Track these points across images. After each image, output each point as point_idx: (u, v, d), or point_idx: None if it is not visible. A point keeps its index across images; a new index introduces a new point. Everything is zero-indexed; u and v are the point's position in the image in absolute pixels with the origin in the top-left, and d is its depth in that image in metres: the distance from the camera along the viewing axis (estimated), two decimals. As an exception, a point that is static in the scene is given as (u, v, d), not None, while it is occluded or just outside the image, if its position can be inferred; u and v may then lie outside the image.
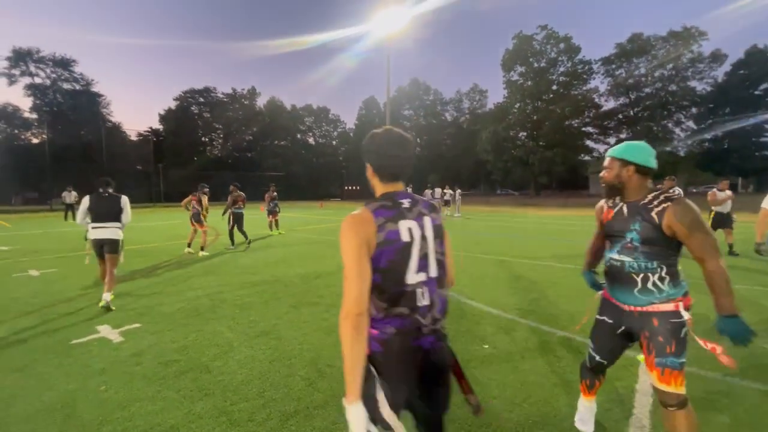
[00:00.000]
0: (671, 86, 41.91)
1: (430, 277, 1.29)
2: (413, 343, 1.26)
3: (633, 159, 1.74)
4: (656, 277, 1.67)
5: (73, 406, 2.39)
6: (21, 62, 41.06)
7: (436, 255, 1.32)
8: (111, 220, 4.58)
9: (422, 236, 1.28)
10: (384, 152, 1.38)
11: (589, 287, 2.15)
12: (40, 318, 4.07)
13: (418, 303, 1.25)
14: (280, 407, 2.35)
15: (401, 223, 1.25)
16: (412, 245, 1.25)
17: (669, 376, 1.64)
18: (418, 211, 1.32)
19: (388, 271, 1.22)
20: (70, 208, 17.74)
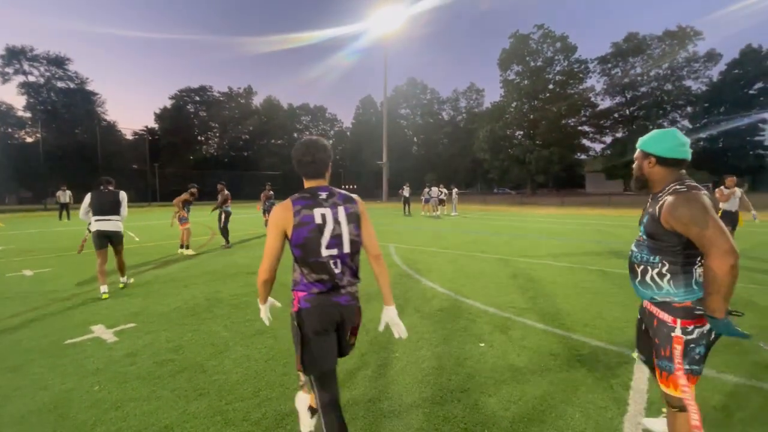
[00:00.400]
0: (667, 85, 42.22)
1: (342, 252, 1.65)
2: (332, 302, 1.66)
3: (652, 150, 1.65)
4: (655, 272, 1.61)
5: (67, 407, 2.37)
6: (14, 60, 40.69)
7: (350, 236, 1.67)
8: (112, 213, 5.00)
9: (335, 220, 1.63)
10: (298, 159, 1.72)
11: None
12: (33, 318, 4.04)
13: (332, 269, 1.64)
14: (276, 406, 2.35)
15: (316, 210, 1.61)
16: (324, 227, 1.60)
17: (666, 379, 1.63)
18: (333, 201, 1.67)
19: (304, 245, 1.60)
20: (65, 207, 17.60)
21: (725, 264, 1.35)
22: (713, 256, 1.38)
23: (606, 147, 49.17)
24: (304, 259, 1.63)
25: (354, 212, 1.72)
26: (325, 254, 1.62)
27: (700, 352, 1.56)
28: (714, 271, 1.38)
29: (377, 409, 2.30)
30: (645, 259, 1.65)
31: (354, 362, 2.92)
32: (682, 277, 1.55)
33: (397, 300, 4.52)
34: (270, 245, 1.67)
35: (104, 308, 4.33)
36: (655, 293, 1.63)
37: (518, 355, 3.05)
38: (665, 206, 1.53)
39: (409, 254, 7.71)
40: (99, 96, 45.68)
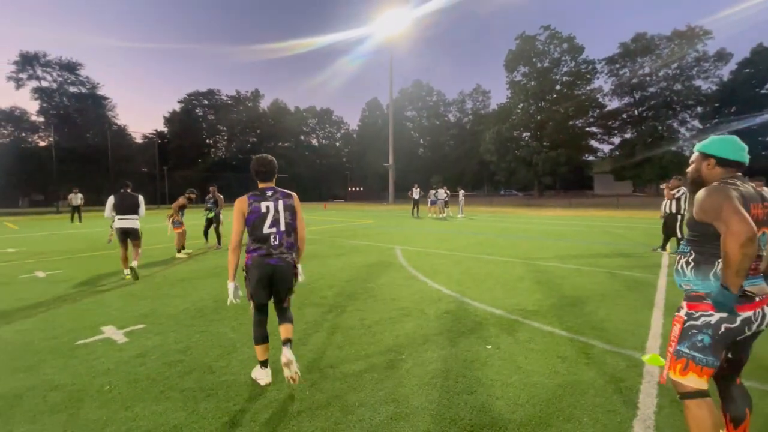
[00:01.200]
0: (676, 85, 41.71)
1: (279, 230, 2.59)
2: (267, 262, 2.55)
3: (713, 152, 1.73)
4: (684, 260, 1.72)
5: (77, 407, 2.40)
6: (28, 66, 41.55)
7: (285, 220, 2.61)
8: (131, 213, 6.01)
9: (275, 210, 2.57)
10: (255, 170, 2.65)
11: None
12: (45, 319, 4.11)
13: (272, 242, 2.56)
14: (283, 407, 2.36)
15: (262, 203, 2.55)
16: (267, 214, 2.55)
17: (670, 362, 1.71)
18: (276, 197, 2.61)
19: (254, 226, 2.54)
20: (77, 210, 17.90)
21: (735, 243, 1.43)
22: (726, 235, 1.47)
23: (614, 148, 48.73)
24: (252, 234, 2.58)
25: (290, 204, 2.68)
26: (267, 231, 2.56)
27: (703, 340, 1.61)
28: (725, 249, 1.46)
29: (384, 411, 2.30)
30: (681, 249, 1.78)
31: (362, 365, 2.92)
32: (704, 267, 1.63)
33: (402, 302, 4.53)
34: (235, 227, 2.57)
35: (114, 309, 4.39)
36: (681, 279, 1.73)
37: (525, 357, 3.03)
38: (696, 198, 1.66)
39: (415, 256, 7.70)
40: (110, 100, 46.50)
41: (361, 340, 3.41)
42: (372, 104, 66.30)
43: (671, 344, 1.71)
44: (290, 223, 2.64)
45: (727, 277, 1.48)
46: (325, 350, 3.20)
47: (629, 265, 6.64)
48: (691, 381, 1.62)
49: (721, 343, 1.61)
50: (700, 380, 1.61)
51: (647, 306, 4.31)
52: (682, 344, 1.66)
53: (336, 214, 24.21)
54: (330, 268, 6.57)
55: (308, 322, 3.90)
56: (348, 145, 69.16)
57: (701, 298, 1.63)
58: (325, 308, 4.34)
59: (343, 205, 39.06)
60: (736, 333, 1.59)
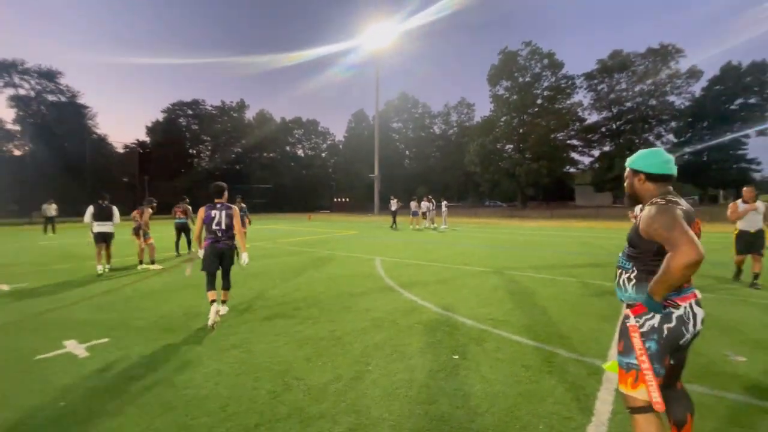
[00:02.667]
0: (651, 101, 43.32)
1: (221, 228, 4.25)
2: (216, 246, 4.25)
3: (641, 167, 1.76)
4: (626, 276, 1.75)
5: (29, 424, 2.33)
6: (5, 73, 40.45)
7: (225, 221, 4.25)
8: (107, 220, 7.45)
9: (220, 216, 4.26)
10: (213, 191, 4.39)
11: None
12: (6, 333, 3.98)
13: (218, 234, 4.25)
14: (242, 420, 2.33)
15: (213, 211, 4.26)
16: (214, 218, 4.24)
17: (620, 375, 1.70)
18: (222, 208, 4.29)
19: (208, 224, 4.24)
20: (51, 221, 17.35)
21: (682, 263, 1.45)
22: (675, 254, 1.48)
23: (594, 160, 50.02)
24: (207, 229, 4.27)
25: (229, 213, 4.31)
26: (214, 228, 4.23)
27: (650, 347, 1.61)
28: (670, 265, 1.48)
29: (345, 423, 2.30)
30: (622, 264, 1.80)
31: (328, 376, 2.91)
32: (644, 285, 1.66)
33: (375, 313, 4.53)
34: (197, 224, 4.36)
35: (80, 323, 4.27)
36: (623, 295, 1.78)
37: (491, 366, 3.07)
38: (643, 216, 1.67)
39: (393, 268, 7.73)
40: (90, 109, 45.46)
41: (330, 351, 3.40)
42: (358, 116, 66.75)
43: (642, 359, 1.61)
44: (228, 223, 4.30)
45: (658, 289, 1.54)
46: (293, 362, 3.18)
47: (602, 274, 6.80)
48: (641, 394, 1.60)
49: (665, 348, 1.63)
50: (656, 392, 1.57)
51: (614, 314, 4.41)
52: (630, 356, 1.65)
53: (320, 225, 24.10)
54: (307, 280, 6.53)
55: (278, 333, 3.87)
56: (334, 156, 69.20)
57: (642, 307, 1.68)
58: (298, 320, 4.31)
59: (328, 216, 38.94)
60: (677, 334, 1.61)
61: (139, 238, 7.93)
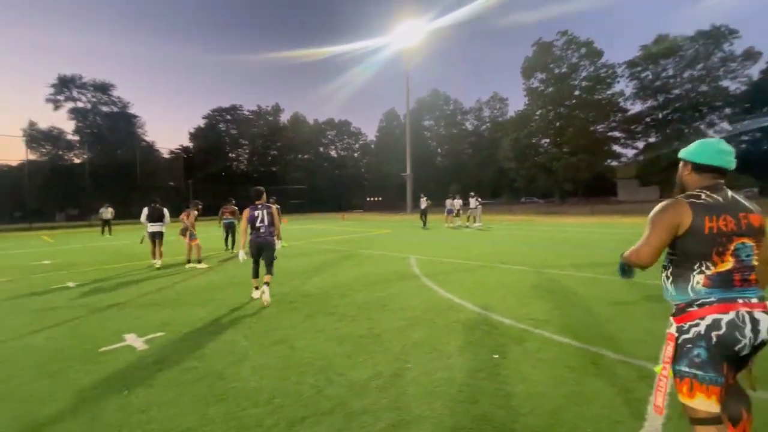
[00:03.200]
0: (702, 87, 40.34)
1: (265, 224, 5.22)
2: (257, 240, 5.24)
3: (689, 157, 1.71)
4: (665, 274, 1.72)
5: (97, 409, 2.55)
6: (65, 88, 44.13)
7: (268, 218, 5.23)
8: (158, 221, 8.47)
9: (262, 214, 5.24)
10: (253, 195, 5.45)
11: None
12: (73, 327, 4.35)
13: (260, 231, 5.22)
14: (288, 413, 2.43)
15: (256, 211, 5.25)
16: (258, 217, 5.22)
17: (675, 383, 1.60)
18: (263, 208, 5.29)
19: (252, 222, 5.23)
20: (107, 223, 18.73)
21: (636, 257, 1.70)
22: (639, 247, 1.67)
23: (638, 152, 47.28)
24: (252, 226, 5.22)
25: (269, 211, 5.28)
26: (258, 225, 5.20)
27: (699, 354, 1.52)
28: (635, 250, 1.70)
29: (386, 419, 2.34)
30: (664, 262, 1.76)
31: (368, 372, 2.97)
32: (681, 280, 1.61)
33: (412, 311, 4.55)
34: (243, 223, 5.37)
35: (137, 318, 4.60)
36: (666, 294, 1.73)
37: (533, 367, 3.00)
38: None
39: (428, 266, 7.71)
40: (139, 118, 48.70)
41: (369, 348, 3.46)
42: (389, 115, 66.90)
43: (665, 366, 1.59)
44: (270, 221, 5.27)
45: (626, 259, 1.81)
46: (334, 358, 3.26)
47: (649, 274, 6.39)
48: (700, 404, 1.50)
49: (717, 355, 1.51)
50: (710, 402, 1.49)
51: (664, 315, 4.16)
52: (680, 363, 1.56)
53: (354, 224, 24.41)
54: (344, 278, 6.65)
55: (319, 330, 3.98)
56: (366, 156, 69.80)
57: (684, 309, 1.59)
58: (336, 317, 4.42)
59: (361, 216, 39.36)
60: (728, 340, 1.49)
61: (187, 238, 8.40)
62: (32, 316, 4.86)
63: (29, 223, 27.29)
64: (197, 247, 8.40)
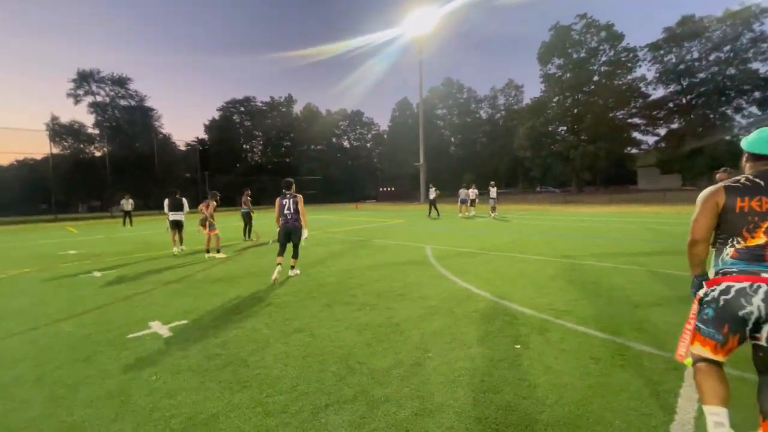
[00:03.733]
0: (729, 70, 38.61)
1: (291, 212, 5.95)
2: (285, 225, 5.96)
3: (744, 147, 1.88)
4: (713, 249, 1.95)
5: (128, 394, 2.63)
6: (84, 83, 45.09)
7: (293, 206, 5.96)
8: (179, 210, 9.09)
9: (289, 203, 5.97)
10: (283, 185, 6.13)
11: None
12: (101, 314, 4.49)
13: (288, 217, 5.95)
14: (312, 400, 2.46)
15: (284, 200, 5.98)
16: (285, 205, 5.96)
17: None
18: (291, 197, 5.99)
19: (281, 210, 5.98)
20: (128, 214, 19.20)
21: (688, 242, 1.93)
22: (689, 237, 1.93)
23: (660, 139, 45.78)
24: (281, 213, 5.98)
25: (295, 200, 5.98)
26: (285, 212, 5.94)
27: (708, 313, 1.82)
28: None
29: (410, 407, 2.34)
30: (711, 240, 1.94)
31: (389, 361, 2.98)
32: (718, 253, 1.89)
33: (430, 301, 4.54)
34: (275, 211, 6.04)
35: (160, 306, 4.71)
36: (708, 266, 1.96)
37: (556, 357, 2.96)
38: None
39: (445, 256, 7.67)
40: (156, 111, 49.51)
41: (389, 337, 3.47)
42: (402, 104, 66.30)
43: (690, 321, 1.92)
44: (295, 208, 5.95)
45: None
46: (354, 347, 3.28)
47: (673, 263, 6.26)
48: (696, 349, 1.86)
49: (721, 316, 1.76)
50: (704, 350, 1.82)
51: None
52: (697, 318, 1.89)
53: (367, 214, 24.45)
54: (360, 268, 6.68)
55: (338, 319, 4.00)
56: (379, 146, 69.57)
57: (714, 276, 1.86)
58: (355, 306, 4.44)
59: (374, 206, 39.37)
60: (733, 304, 1.72)
61: (206, 228, 8.54)
62: (62, 303, 5.03)
63: (54, 214, 28.21)
64: (216, 237, 8.54)
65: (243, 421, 2.26)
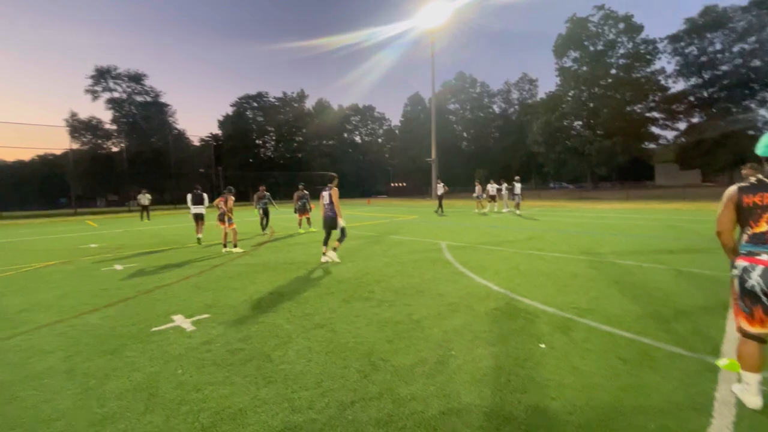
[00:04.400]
0: (754, 61, 37.26)
1: (326, 202, 6.79)
2: (324, 215, 6.82)
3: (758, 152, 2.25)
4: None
5: (156, 387, 2.67)
6: (102, 79, 45.88)
7: (328, 198, 6.75)
8: (200, 203, 9.98)
9: (327, 195, 6.79)
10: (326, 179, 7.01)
11: None
12: (125, 307, 4.57)
13: (326, 207, 6.81)
14: (338, 397, 2.46)
15: (323, 192, 6.85)
16: (323, 197, 6.81)
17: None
18: (328, 190, 6.77)
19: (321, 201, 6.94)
20: (145, 209, 19.55)
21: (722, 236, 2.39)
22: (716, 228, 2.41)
23: (679, 134, 44.56)
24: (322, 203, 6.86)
25: (330, 193, 6.73)
26: (323, 203, 6.82)
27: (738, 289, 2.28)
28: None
29: (436, 406, 2.32)
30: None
31: (411, 359, 2.96)
32: (740, 240, 2.32)
33: (449, 298, 4.51)
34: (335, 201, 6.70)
35: (182, 300, 4.78)
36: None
37: (582, 357, 2.91)
38: None
39: (461, 252, 7.61)
40: (170, 107, 50.17)
41: (410, 334, 3.45)
42: (414, 99, 65.86)
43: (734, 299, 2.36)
44: (330, 201, 6.69)
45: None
46: (375, 344, 3.27)
47: (698, 261, 6.10)
48: (739, 322, 2.32)
49: (742, 291, 2.24)
50: (744, 322, 2.27)
51: (721, 307, 3.94)
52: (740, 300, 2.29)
53: (380, 210, 24.45)
54: (376, 264, 6.67)
55: (358, 315, 4.00)
56: (390, 141, 69.34)
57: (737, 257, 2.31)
58: (374, 303, 4.43)
59: (386, 201, 39.35)
60: (742, 279, 2.22)
61: (224, 223, 8.62)
62: (86, 296, 5.14)
63: (74, 208, 28.92)
64: (233, 231, 8.62)
65: (270, 417, 2.27)
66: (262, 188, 12.14)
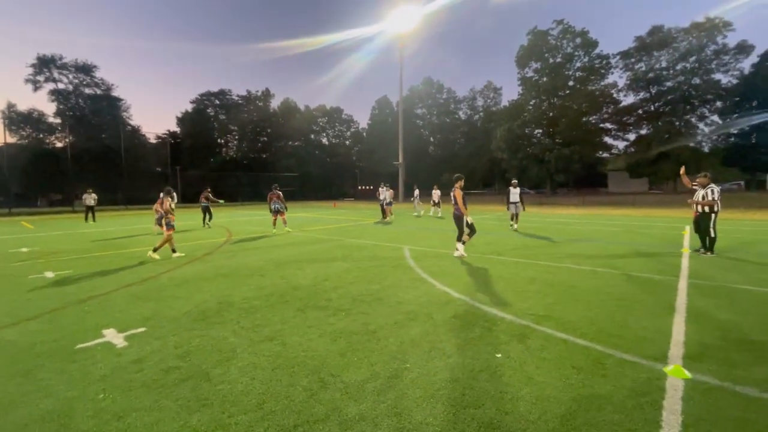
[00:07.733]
0: (694, 79, 40.56)
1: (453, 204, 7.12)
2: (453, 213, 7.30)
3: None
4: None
5: (69, 415, 2.33)
6: (45, 69, 42.39)
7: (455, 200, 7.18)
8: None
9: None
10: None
11: None
12: (50, 320, 4.08)
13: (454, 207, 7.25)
14: (279, 420, 2.24)
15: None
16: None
17: None
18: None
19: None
20: (91, 210, 18.14)
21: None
22: None
23: (629, 144, 47.62)
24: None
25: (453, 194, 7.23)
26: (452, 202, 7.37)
27: None
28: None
29: (386, 426, 2.17)
30: None
31: (364, 373, 2.79)
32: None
33: (409, 305, 4.38)
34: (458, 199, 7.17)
35: (118, 311, 4.35)
36: None
37: (537, 367, 2.86)
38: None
39: (423, 257, 7.55)
40: (124, 101, 47.17)
41: (364, 346, 3.28)
42: (382, 102, 66.04)
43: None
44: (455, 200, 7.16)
45: None
46: (327, 357, 3.07)
47: (647, 266, 6.37)
48: None
49: None
50: None
51: (667, 311, 4.08)
52: None
53: (346, 213, 24.16)
54: (336, 269, 6.45)
55: (311, 325, 3.78)
56: (358, 144, 69.03)
57: None
58: (330, 311, 4.22)
59: (353, 204, 39.02)
60: None
61: (163, 227, 8.03)
62: (6, 307, 4.57)
63: (9, 208, 26.38)
64: (169, 237, 7.90)
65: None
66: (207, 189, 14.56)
